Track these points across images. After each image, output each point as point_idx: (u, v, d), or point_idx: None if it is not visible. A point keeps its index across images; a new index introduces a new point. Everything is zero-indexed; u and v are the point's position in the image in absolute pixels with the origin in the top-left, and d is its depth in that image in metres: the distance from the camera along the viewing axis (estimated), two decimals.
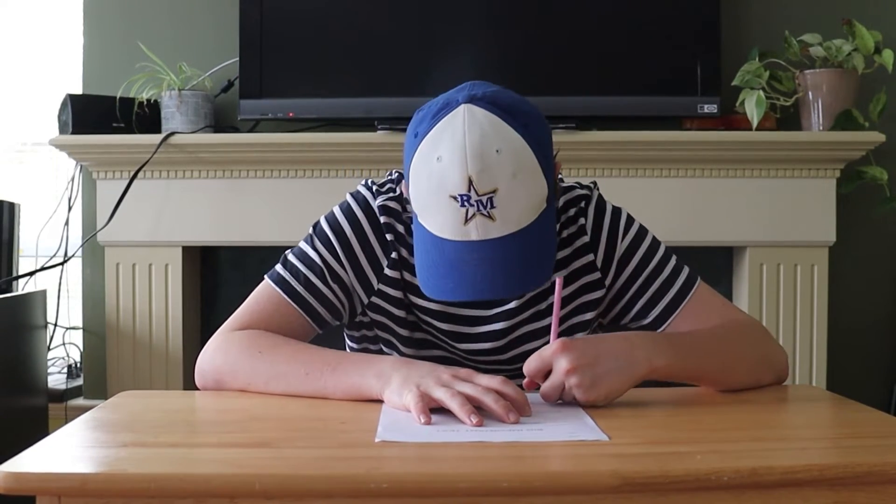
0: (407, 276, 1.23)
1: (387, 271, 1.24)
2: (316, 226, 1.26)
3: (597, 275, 1.26)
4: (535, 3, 2.41)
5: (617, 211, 1.28)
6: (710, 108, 2.36)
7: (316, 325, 1.24)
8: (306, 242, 1.25)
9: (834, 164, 2.39)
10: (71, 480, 0.79)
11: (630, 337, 1.11)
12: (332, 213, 1.26)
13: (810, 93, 2.35)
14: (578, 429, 0.94)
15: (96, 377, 2.52)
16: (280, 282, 1.23)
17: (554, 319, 1.09)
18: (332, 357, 1.12)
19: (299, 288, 1.22)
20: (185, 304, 2.48)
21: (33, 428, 2.29)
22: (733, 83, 2.32)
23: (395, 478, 0.79)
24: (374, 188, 1.26)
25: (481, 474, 0.81)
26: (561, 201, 1.26)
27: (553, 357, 1.04)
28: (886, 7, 2.53)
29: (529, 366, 1.05)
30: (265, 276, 1.26)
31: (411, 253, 1.20)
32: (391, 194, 1.24)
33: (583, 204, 1.27)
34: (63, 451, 0.88)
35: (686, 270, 1.28)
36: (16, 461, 0.81)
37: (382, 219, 1.23)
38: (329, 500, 0.79)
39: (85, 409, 1.06)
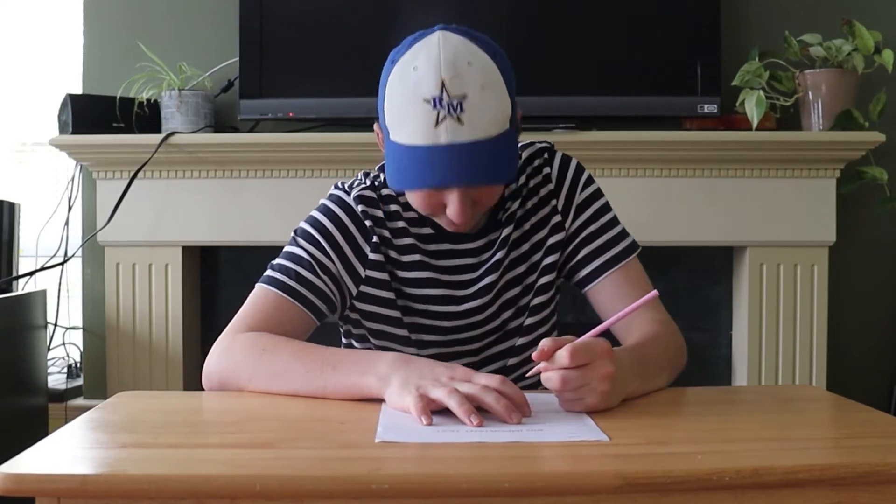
0: (392, 253, 1.29)
1: (371, 256, 1.28)
2: (297, 229, 1.31)
3: (558, 217, 1.33)
4: (536, 3, 2.41)
5: (581, 166, 1.37)
6: (710, 108, 2.36)
7: (314, 316, 1.26)
8: (291, 244, 1.30)
9: (834, 164, 2.39)
10: (70, 481, 0.78)
11: (622, 353, 1.11)
12: (311, 215, 1.31)
13: (810, 93, 2.35)
14: (579, 429, 0.94)
15: (96, 377, 2.52)
16: (273, 282, 1.26)
17: (611, 320, 1.09)
18: (332, 356, 1.13)
19: (292, 283, 1.25)
20: (185, 304, 2.48)
21: (33, 428, 2.29)
22: (733, 83, 2.32)
23: (396, 478, 0.79)
24: (346, 186, 1.33)
25: (482, 475, 0.81)
26: (524, 154, 1.35)
27: (601, 356, 1.02)
28: (886, 7, 2.53)
29: (573, 345, 1.02)
30: (256, 284, 1.28)
31: (393, 235, 1.29)
32: (363, 186, 1.32)
33: (546, 155, 1.35)
34: (62, 452, 0.88)
35: (630, 239, 1.35)
36: (15, 462, 0.81)
37: (360, 207, 1.29)
38: (330, 500, 0.79)
39: (85, 409, 1.05)
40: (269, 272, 1.27)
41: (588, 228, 1.33)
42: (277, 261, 1.28)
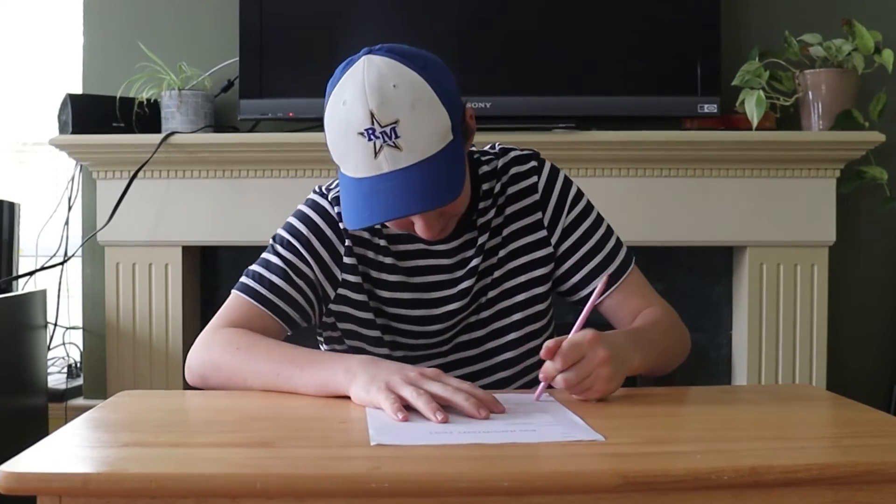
0: (369, 254, 1.30)
1: (345, 259, 1.29)
2: (275, 236, 1.32)
3: (543, 233, 1.32)
4: (536, 3, 2.41)
5: (569, 180, 1.36)
6: (710, 108, 2.36)
7: (286, 324, 1.27)
8: (268, 251, 1.30)
9: (834, 164, 2.39)
10: (72, 480, 0.79)
11: (617, 335, 1.18)
12: (288, 222, 1.32)
13: (810, 93, 2.35)
14: (571, 429, 0.94)
15: (96, 377, 2.52)
16: (246, 289, 1.27)
17: (586, 311, 1.12)
18: (302, 357, 1.15)
19: (265, 292, 1.26)
20: (185, 304, 2.48)
21: (33, 428, 2.29)
22: (733, 83, 2.32)
23: (396, 477, 0.79)
24: (323, 189, 1.34)
25: (482, 474, 0.81)
26: (510, 156, 1.34)
27: (590, 346, 1.05)
28: (886, 7, 2.53)
29: (561, 348, 1.05)
30: (232, 289, 1.28)
31: (371, 233, 1.29)
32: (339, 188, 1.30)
33: (535, 163, 1.34)
34: (64, 451, 0.88)
35: (624, 250, 1.35)
36: (16, 461, 0.81)
37: (335, 209, 1.28)
38: (330, 499, 0.79)
39: (85, 409, 1.06)
40: (244, 278, 1.28)
41: (581, 249, 1.32)
42: (253, 267, 1.29)
